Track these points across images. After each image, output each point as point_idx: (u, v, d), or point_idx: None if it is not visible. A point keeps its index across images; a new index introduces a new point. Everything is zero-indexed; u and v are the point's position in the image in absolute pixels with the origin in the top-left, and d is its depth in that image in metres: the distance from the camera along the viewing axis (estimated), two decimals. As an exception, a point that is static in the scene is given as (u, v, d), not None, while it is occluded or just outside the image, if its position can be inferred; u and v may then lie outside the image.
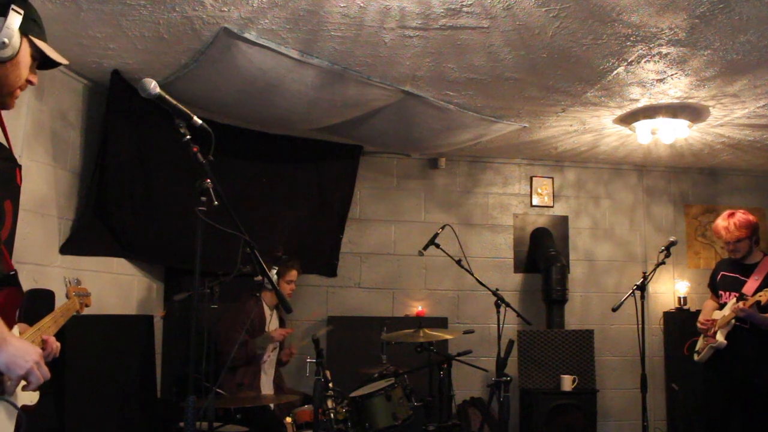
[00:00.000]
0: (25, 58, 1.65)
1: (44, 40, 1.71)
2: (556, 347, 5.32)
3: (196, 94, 4.15)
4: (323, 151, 5.41)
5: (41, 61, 1.73)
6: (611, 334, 5.83)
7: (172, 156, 4.18)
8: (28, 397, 1.65)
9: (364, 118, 4.57)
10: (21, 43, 1.62)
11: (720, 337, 3.78)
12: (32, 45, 1.67)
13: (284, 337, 4.25)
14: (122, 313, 4.26)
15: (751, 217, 3.88)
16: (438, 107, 4.33)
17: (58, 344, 1.85)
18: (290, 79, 3.82)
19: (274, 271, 3.86)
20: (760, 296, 3.59)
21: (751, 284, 3.78)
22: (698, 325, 3.99)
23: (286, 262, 4.27)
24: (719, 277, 4.04)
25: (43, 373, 1.54)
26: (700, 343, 4.04)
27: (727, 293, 3.91)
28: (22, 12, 1.60)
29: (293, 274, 4.33)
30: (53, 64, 1.76)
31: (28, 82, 1.71)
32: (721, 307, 3.93)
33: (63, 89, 3.88)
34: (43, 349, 1.72)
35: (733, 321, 3.75)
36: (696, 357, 4.02)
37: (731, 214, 3.90)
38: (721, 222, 3.91)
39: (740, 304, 3.66)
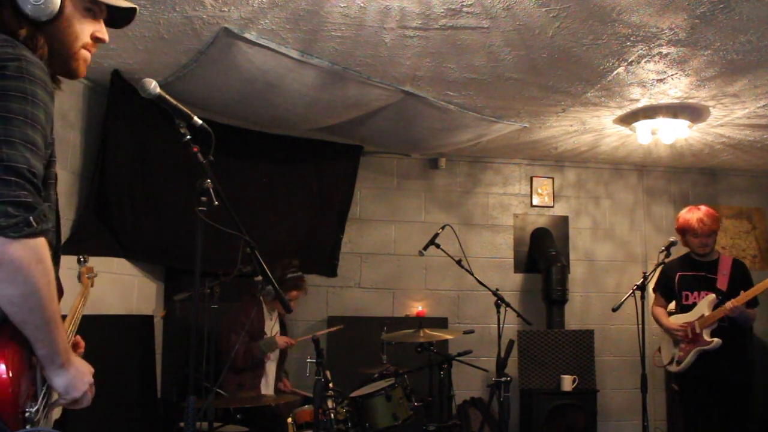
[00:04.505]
0: (74, 11, 1.45)
1: None
2: (556, 347, 5.31)
3: (196, 94, 4.15)
4: (323, 151, 5.40)
5: (109, 15, 1.53)
6: (611, 334, 5.82)
7: (172, 156, 4.18)
8: (56, 412, 1.57)
9: (364, 118, 4.57)
10: None
11: (708, 337, 3.68)
12: None
13: (287, 345, 4.25)
14: (122, 313, 4.26)
15: (715, 211, 3.86)
16: (438, 107, 4.33)
17: (83, 344, 1.78)
18: (290, 79, 3.82)
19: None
20: (759, 287, 3.54)
21: (722, 280, 3.73)
22: (676, 333, 3.83)
23: (291, 280, 4.19)
24: (677, 278, 3.93)
25: (92, 395, 1.47)
26: (671, 351, 3.90)
27: (695, 293, 3.83)
28: None
29: (293, 294, 4.24)
30: (124, 18, 1.56)
31: (96, 39, 1.51)
32: (686, 308, 3.84)
33: (63, 89, 3.85)
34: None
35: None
36: (675, 367, 3.86)
37: (699, 208, 3.83)
38: (694, 215, 3.80)
39: (733, 301, 3.56)
